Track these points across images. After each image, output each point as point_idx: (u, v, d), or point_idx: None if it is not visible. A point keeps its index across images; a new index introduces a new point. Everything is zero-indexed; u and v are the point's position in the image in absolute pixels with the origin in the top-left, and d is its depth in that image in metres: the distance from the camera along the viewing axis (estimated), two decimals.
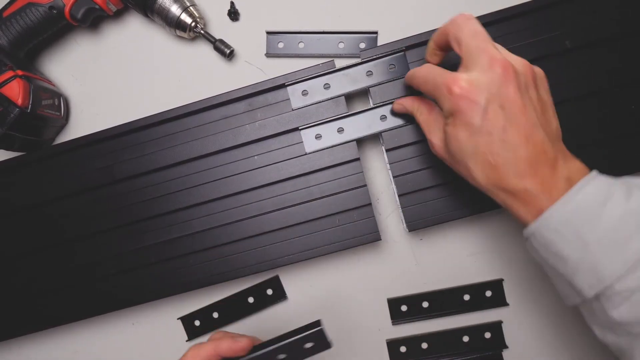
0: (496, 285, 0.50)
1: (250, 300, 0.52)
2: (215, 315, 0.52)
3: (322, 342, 0.37)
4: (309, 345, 0.37)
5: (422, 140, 0.46)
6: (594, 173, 0.33)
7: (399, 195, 0.46)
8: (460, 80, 0.33)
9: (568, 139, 0.45)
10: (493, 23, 0.45)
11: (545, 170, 0.32)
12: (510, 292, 0.50)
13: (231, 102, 0.48)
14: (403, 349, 0.50)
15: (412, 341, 0.50)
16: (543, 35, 0.45)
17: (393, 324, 0.51)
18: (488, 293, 0.50)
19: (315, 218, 0.47)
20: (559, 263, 0.32)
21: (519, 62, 0.34)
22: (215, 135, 0.48)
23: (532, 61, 0.45)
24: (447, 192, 0.46)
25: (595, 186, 0.32)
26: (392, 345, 0.50)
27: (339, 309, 0.51)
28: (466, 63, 0.34)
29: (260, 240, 0.48)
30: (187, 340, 0.52)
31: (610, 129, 0.45)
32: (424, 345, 0.50)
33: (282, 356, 0.37)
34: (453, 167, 0.38)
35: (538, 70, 0.36)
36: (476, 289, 0.50)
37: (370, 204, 0.47)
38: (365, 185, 0.47)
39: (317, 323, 0.37)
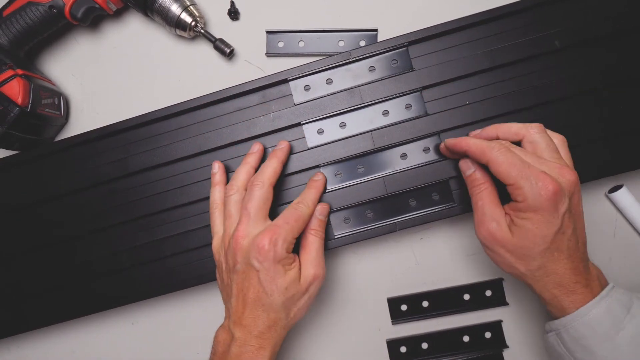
0: (496, 285, 0.50)
1: None
2: None
3: None
4: None
5: (420, 137, 0.46)
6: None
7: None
8: (555, 183, 0.35)
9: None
10: (485, 22, 0.45)
11: (586, 268, 0.37)
12: (510, 291, 0.50)
13: (228, 99, 0.47)
14: (403, 349, 0.50)
15: (412, 341, 0.50)
16: (534, 34, 0.45)
17: (393, 324, 0.51)
18: (488, 292, 0.50)
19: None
20: (586, 357, 0.35)
21: (574, 176, 0.37)
22: (208, 133, 0.48)
23: (524, 60, 0.46)
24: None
25: (621, 292, 0.37)
26: (392, 345, 0.50)
27: (339, 309, 0.51)
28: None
29: None
30: None
31: (603, 128, 0.45)
32: (424, 345, 0.50)
33: None
34: (496, 252, 0.38)
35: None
36: (476, 289, 0.50)
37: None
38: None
39: None
